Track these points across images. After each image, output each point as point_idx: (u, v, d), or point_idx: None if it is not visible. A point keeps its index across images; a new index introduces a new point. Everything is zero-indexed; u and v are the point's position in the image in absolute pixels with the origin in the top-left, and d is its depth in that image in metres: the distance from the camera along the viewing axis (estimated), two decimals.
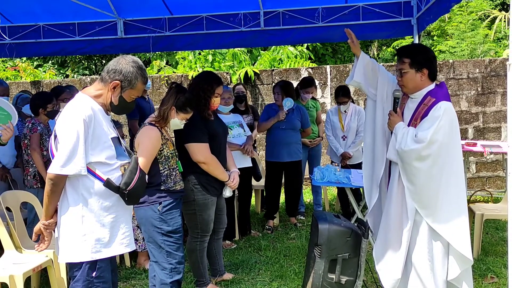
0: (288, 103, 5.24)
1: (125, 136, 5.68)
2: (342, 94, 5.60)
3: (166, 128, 3.34)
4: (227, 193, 3.76)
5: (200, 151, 3.55)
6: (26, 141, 4.44)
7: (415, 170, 2.92)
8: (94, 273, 2.47)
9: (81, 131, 2.35)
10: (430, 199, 2.92)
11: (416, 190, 2.94)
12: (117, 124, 4.11)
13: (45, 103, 4.50)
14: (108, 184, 2.44)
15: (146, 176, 2.71)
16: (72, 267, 2.50)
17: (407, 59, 3.02)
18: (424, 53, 3.05)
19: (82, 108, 2.41)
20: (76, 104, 2.45)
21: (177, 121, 3.31)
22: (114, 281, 2.68)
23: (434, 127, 2.85)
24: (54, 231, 2.56)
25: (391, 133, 3.11)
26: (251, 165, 5.02)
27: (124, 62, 2.51)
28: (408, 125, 3.04)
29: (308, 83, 5.83)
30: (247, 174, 5.02)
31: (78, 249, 2.44)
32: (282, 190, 5.84)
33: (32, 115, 4.60)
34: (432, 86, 3.05)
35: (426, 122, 2.92)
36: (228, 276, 4.13)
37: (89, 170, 2.42)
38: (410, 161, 2.93)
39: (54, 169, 2.36)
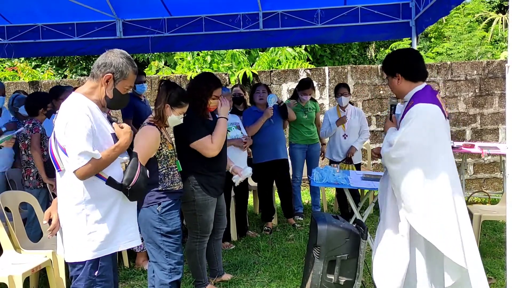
0: (273, 99, 5.32)
1: None
2: (342, 86, 5.70)
3: (165, 127, 3.35)
4: (247, 172, 3.92)
5: (207, 145, 3.55)
6: (26, 142, 4.43)
7: (391, 173, 2.91)
8: (97, 272, 2.48)
9: (88, 123, 2.38)
10: (413, 203, 2.83)
11: (399, 193, 2.89)
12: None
13: (45, 103, 4.51)
14: (110, 182, 2.46)
15: (148, 171, 2.72)
16: (74, 266, 2.50)
17: (383, 69, 3.14)
18: (392, 58, 3.09)
19: (81, 105, 2.43)
20: (73, 102, 2.46)
21: (175, 117, 3.29)
22: (115, 280, 2.69)
23: (402, 130, 2.84)
24: (56, 234, 2.57)
25: None
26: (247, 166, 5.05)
27: (113, 55, 2.53)
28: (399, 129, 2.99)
29: (305, 85, 5.84)
30: None
31: (83, 248, 2.45)
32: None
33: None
34: (419, 87, 3.00)
35: (401, 125, 2.92)
36: (226, 276, 4.14)
37: None
38: (387, 164, 2.93)
39: (74, 164, 2.34)
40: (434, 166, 2.83)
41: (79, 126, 2.36)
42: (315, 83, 7.78)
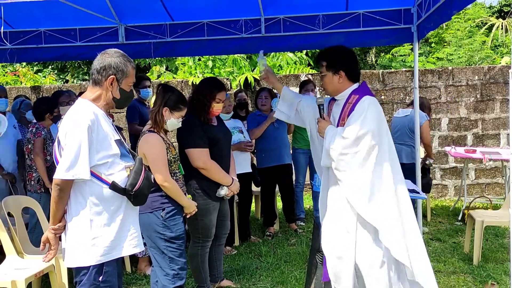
0: (277, 103, 5.33)
1: (125, 140, 5.69)
2: None
3: (165, 132, 3.35)
4: (222, 192, 3.68)
5: (199, 157, 3.55)
6: (30, 146, 4.44)
7: (346, 166, 2.81)
8: (101, 277, 2.47)
9: (85, 137, 2.37)
10: (364, 194, 2.78)
11: (349, 184, 2.81)
12: (117, 128, 4.13)
13: (51, 108, 4.53)
14: (113, 187, 2.45)
15: (152, 176, 2.71)
16: (78, 272, 2.49)
17: (324, 62, 3.00)
18: (341, 55, 3.00)
19: (85, 113, 2.43)
20: (78, 109, 2.47)
21: (174, 121, 3.29)
22: (119, 286, 2.68)
23: (360, 120, 2.78)
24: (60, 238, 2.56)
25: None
26: (250, 170, 5.07)
27: (108, 56, 2.52)
28: (337, 126, 2.95)
29: (305, 82, 6.00)
30: (247, 180, 5.05)
31: (87, 253, 2.45)
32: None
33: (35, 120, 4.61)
34: (355, 86, 2.99)
35: (352, 117, 2.84)
36: (225, 283, 4.10)
37: (95, 175, 2.43)
38: (341, 157, 2.82)
39: (59, 174, 2.37)
40: (384, 156, 2.81)
41: (75, 142, 2.35)
42: (316, 89, 7.79)
